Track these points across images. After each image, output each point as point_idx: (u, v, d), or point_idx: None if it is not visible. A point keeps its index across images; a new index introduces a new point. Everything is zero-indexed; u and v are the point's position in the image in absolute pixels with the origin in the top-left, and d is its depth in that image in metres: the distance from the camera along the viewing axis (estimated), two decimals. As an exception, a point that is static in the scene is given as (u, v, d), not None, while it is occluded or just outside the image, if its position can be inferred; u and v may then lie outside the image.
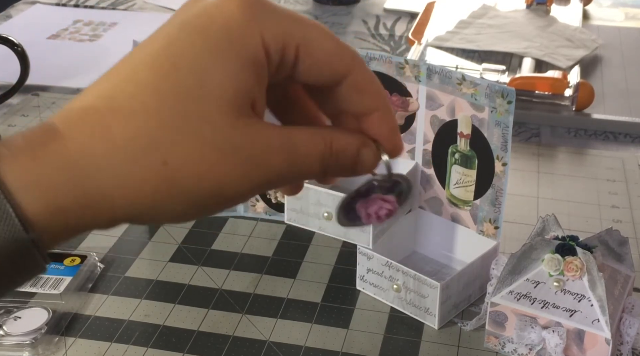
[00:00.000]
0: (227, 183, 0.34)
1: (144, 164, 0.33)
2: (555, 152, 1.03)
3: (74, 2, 1.50)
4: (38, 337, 0.69)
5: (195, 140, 0.33)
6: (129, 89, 0.34)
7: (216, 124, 0.34)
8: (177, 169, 0.33)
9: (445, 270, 0.79)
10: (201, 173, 0.34)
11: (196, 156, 0.33)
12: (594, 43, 1.30)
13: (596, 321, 0.64)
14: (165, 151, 0.33)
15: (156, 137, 0.33)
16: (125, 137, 0.33)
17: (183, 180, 0.34)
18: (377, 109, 0.38)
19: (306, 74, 0.36)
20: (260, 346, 0.70)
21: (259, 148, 0.35)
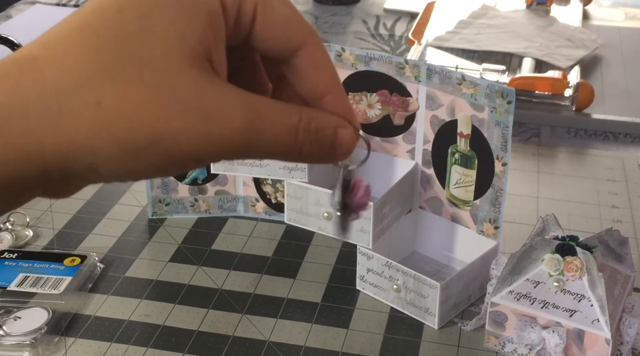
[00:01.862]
0: (168, 133, 0.31)
1: (76, 104, 0.31)
2: (555, 152, 1.03)
3: (74, 2, 1.50)
4: (38, 337, 0.69)
5: (132, 82, 0.31)
6: (66, 32, 0.32)
7: (159, 68, 0.31)
8: (111, 111, 0.31)
9: (445, 270, 0.79)
10: (138, 119, 0.31)
11: (132, 98, 0.31)
12: (594, 43, 1.30)
13: (596, 321, 0.64)
14: (99, 90, 0.31)
15: (90, 76, 0.31)
16: (56, 76, 0.31)
17: (117, 123, 0.31)
18: (331, 91, 0.37)
19: (262, 37, 0.35)
20: (260, 346, 0.70)
21: (211, 100, 0.32)
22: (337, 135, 0.36)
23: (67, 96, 0.31)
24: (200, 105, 0.32)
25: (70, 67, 0.31)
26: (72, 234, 0.84)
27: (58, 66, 0.31)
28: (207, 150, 0.32)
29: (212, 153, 0.33)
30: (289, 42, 0.35)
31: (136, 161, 0.32)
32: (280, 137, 0.34)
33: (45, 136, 0.31)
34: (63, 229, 0.85)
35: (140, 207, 0.89)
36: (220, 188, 0.87)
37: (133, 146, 0.31)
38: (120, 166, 0.32)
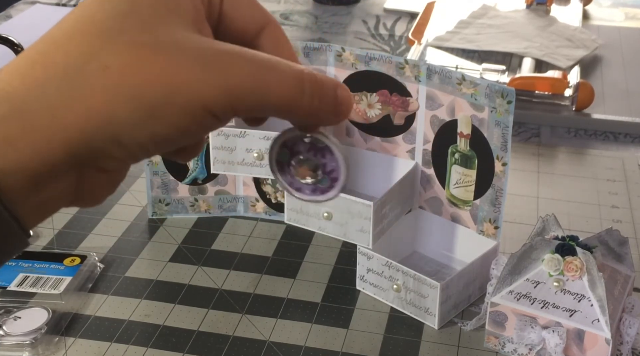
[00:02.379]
0: (180, 85, 0.32)
1: (85, 74, 0.32)
2: (555, 152, 1.03)
3: (74, 2, 1.50)
4: (38, 337, 0.69)
5: (134, 43, 0.32)
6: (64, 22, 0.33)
7: (157, 28, 0.33)
8: (119, 72, 0.32)
9: (445, 270, 0.79)
10: (147, 74, 0.32)
11: (138, 57, 0.32)
12: (594, 43, 1.30)
13: (596, 321, 0.64)
14: (103, 55, 0.32)
15: (91, 44, 0.32)
16: (63, 55, 0.32)
17: (128, 83, 0.32)
18: None
19: (230, 17, 0.37)
20: (260, 346, 0.70)
21: (217, 51, 0.33)
22: (337, 92, 0.37)
23: (75, 68, 0.32)
24: (207, 55, 0.33)
25: (74, 45, 0.32)
26: (72, 234, 0.84)
27: (63, 47, 0.32)
28: (221, 100, 0.33)
29: (227, 104, 0.33)
30: (253, 22, 0.38)
31: (154, 120, 0.32)
32: (288, 84, 0.35)
33: (63, 111, 0.32)
34: (63, 229, 0.85)
35: (140, 207, 0.89)
36: (220, 188, 0.87)
37: (148, 103, 0.32)
38: (140, 129, 0.32)
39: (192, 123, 0.33)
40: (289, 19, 1.44)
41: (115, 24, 0.33)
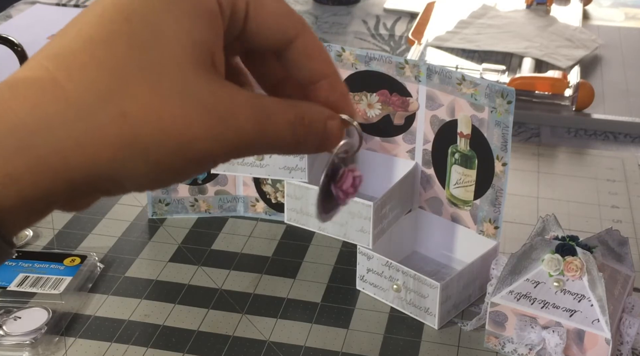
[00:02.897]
0: (193, 138, 0.32)
1: (101, 117, 0.31)
2: (555, 152, 1.03)
3: (74, 2, 1.50)
4: (38, 337, 0.69)
5: (154, 90, 0.31)
6: (77, 45, 0.32)
7: (175, 74, 0.32)
8: (138, 122, 0.31)
9: (445, 270, 0.79)
10: (164, 127, 0.31)
11: (157, 106, 0.31)
12: (594, 43, 1.30)
13: (596, 321, 0.64)
14: (122, 101, 0.31)
15: (111, 87, 0.31)
16: (77, 90, 0.31)
17: (145, 134, 0.31)
18: (326, 76, 0.38)
19: (257, 32, 0.36)
20: (260, 346, 0.70)
21: (225, 102, 0.33)
22: (327, 126, 0.37)
23: (90, 109, 0.31)
24: (216, 108, 0.33)
25: (89, 80, 0.31)
26: (72, 234, 0.84)
27: (77, 80, 0.31)
28: (224, 150, 0.33)
29: (228, 153, 0.34)
30: (283, 34, 0.36)
31: (161, 169, 0.32)
32: (282, 133, 0.35)
33: (71, 151, 0.31)
34: (63, 229, 0.85)
35: (140, 207, 0.89)
36: (220, 188, 0.87)
37: (161, 156, 0.32)
38: (145, 176, 0.32)
39: (193, 169, 0.34)
40: (289, 19, 1.44)
41: (134, 58, 0.32)
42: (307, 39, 0.37)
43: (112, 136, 0.31)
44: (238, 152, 0.34)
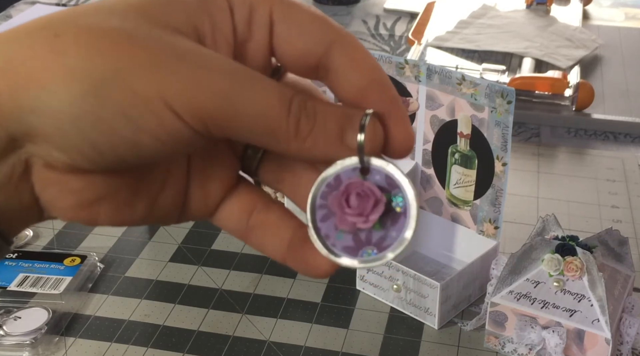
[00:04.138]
0: (134, 64, 0.28)
1: (35, 38, 0.28)
2: (555, 152, 1.03)
3: (74, 2, 1.50)
4: (38, 337, 0.69)
5: (99, 19, 0.29)
6: None
7: (127, 19, 0.29)
8: (70, 41, 0.28)
9: (445, 270, 0.79)
10: (100, 48, 0.28)
11: (94, 29, 0.28)
12: (594, 43, 1.30)
13: (596, 321, 0.64)
14: (60, 26, 0.28)
15: (53, 17, 0.29)
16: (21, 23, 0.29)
17: (76, 53, 0.28)
18: (372, 82, 0.31)
19: (287, 39, 0.31)
20: (260, 346, 0.70)
21: (186, 45, 0.29)
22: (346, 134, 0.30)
23: (26, 33, 0.29)
24: (171, 45, 0.29)
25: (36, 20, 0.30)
26: (72, 234, 0.84)
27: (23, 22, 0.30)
28: (181, 94, 0.28)
29: (188, 101, 0.28)
30: (315, 43, 0.31)
31: (99, 100, 0.28)
32: (269, 99, 0.29)
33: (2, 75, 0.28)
34: (63, 229, 0.85)
35: (140, 207, 0.89)
36: (220, 188, 0.87)
37: (93, 79, 0.27)
38: (80, 109, 0.28)
39: (147, 114, 0.28)
40: (289, 19, 1.44)
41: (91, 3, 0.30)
42: (346, 44, 0.31)
43: (42, 53, 0.28)
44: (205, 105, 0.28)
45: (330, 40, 0.31)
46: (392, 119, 0.31)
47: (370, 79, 0.31)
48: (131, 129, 0.28)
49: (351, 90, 0.31)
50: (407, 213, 0.29)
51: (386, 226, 0.29)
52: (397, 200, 0.29)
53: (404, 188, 0.29)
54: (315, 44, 0.31)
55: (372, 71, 0.31)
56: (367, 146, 0.29)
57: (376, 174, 0.29)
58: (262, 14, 0.31)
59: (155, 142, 0.29)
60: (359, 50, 0.32)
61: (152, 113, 0.28)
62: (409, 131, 0.31)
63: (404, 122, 0.31)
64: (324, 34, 0.31)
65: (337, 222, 0.30)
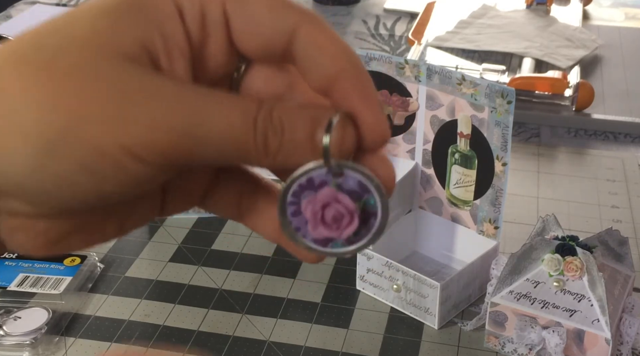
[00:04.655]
0: (86, 116, 0.26)
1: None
2: (555, 152, 1.03)
3: (74, 2, 1.50)
4: (38, 337, 0.69)
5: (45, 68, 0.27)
6: None
7: (75, 54, 0.27)
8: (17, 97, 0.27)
9: (445, 270, 0.79)
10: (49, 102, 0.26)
11: (43, 82, 0.27)
12: (594, 43, 1.30)
13: (596, 321, 0.64)
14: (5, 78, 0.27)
15: None
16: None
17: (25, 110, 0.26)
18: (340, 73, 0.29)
19: (245, 34, 0.30)
20: (260, 346, 0.70)
21: (137, 83, 0.27)
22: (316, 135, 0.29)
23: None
24: (124, 87, 0.27)
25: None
26: (72, 234, 0.84)
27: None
28: (140, 138, 0.27)
29: (148, 144, 0.27)
30: (275, 31, 0.29)
31: (56, 159, 0.27)
32: (232, 123, 0.28)
33: None
34: (63, 229, 0.85)
35: (140, 207, 0.89)
36: (220, 188, 0.87)
37: (47, 138, 0.26)
38: (37, 168, 0.27)
39: (109, 166, 0.27)
40: (289, 19, 1.44)
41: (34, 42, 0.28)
42: (311, 28, 0.30)
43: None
44: (165, 145, 0.27)
45: (292, 27, 0.29)
46: (363, 112, 0.29)
47: (339, 68, 0.29)
48: (93, 181, 0.27)
49: (319, 79, 0.30)
50: (377, 214, 0.30)
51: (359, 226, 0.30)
52: (369, 203, 0.30)
53: (375, 193, 0.29)
54: (276, 33, 0.29)
55: (340, 58, 0.30)
56: (334, 149, 0.28)
57: (349, 177, 0.29)
58: (214, 11, 0.30)
59: (119, 188, 0.28)
60: (325, 34, 0.30)
61: (112, 163, 0.27)
62: (381, 124, 0.29)
63: (375, 115, 0.29)
64: (284, 22, 0.29)
65: (311, 230, 0.30)
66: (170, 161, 0.28)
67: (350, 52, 0.30)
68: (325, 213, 0.30)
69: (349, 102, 0.29)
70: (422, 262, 0.80)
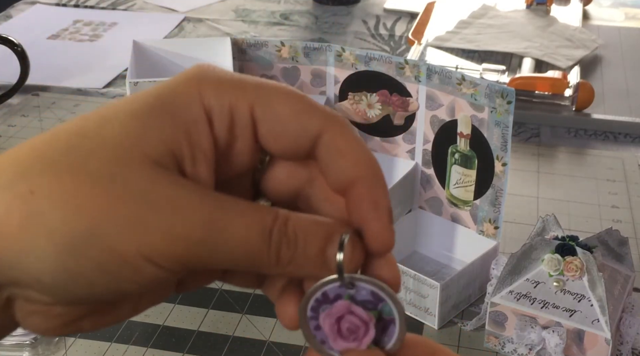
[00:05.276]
0: (109, 222, 0.28)
1: (8, 197, 0.28)
2: (555, 152, 1.03)
3: (74, 2, 1.50)
4: (38, 337, 0.69)
5: (73, 171, 0.28)
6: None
7: (105, 159, 0.28)
8: (45, 199, 0.28)
9: (445, 270, 0.79)
10: (74, 206, 0.28)
11: (69, 185, 0.28)
12: (594, 43, 1.30)
13: (596, 321, 0.64)
14: (34, 180, 0.28)
15: (28, 166, 0.29)
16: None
17: (52, 212, 0.28)
18: (358, 180, 0.31)
19: (271, 137, 0.31)
20: (260, 346, 0.70)
21: (161, 191, 0.28)
22: (327, 251, 0.30)
23: (1, 187, 0.28)
24: (146, 196, 0.28)
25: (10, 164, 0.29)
26: (72, 234, 0.84)
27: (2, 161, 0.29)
28: (159, 247, 0.28)
29: (165, 252, 0.28)
30: (300, 136, 0.31)
31: (76, 259, 0.28)
32: (248, 236, 0.29)
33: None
34: (63, 229, 0.85)
35: (140, 207, 0.89)
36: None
37: (70, 238, 0.28)
38: (58, 267, 0.28)
39: (125, 268, 0.28)
40: (289, 19, 1.44)
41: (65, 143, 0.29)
42: (334, 133, 0.31)
43: (18, 214, 0.28)
44: (183, 253, 0.28)
45: (317, 131, 0.31)
46: (371, 222, 0.31)
47: (357, 174, 0.31)
48: (110, 281, 0.29)
49: (338, 181, 0.31)
50: (395, 320, 0.31)
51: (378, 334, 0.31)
52: (385, 310, 0.31)
53: (389, 301, 0.31)
54: (300, 137, 0.31)
55: (359, 165, 0.31)
56: (346, 266, 0.30)
57: (362, 289, 0.31)
58: (243, 114, 0.31)
59: (135, 286, 0.29)
60: (348, 139, 0.31)
61: (130, 267, 0.28)
62: (386, 233, 0.31)
63: (382, 225, 0.31)
64: (309, 126, 0.31)
65: (332, 344, 0.31)
66: (186, 268, 0.29)
67: (369, 158, 0.32)
68: (341, 325, 0.31)
69: (360, 209, 0.31)
70: (422, 262, 0.80)
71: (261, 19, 1.44)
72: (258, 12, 1.48)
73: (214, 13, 1.47)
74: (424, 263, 0.80)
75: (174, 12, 1.47)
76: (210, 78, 0.31)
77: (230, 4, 1.51)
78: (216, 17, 1.45)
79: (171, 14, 1.47)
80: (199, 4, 1.51)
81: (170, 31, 1.39)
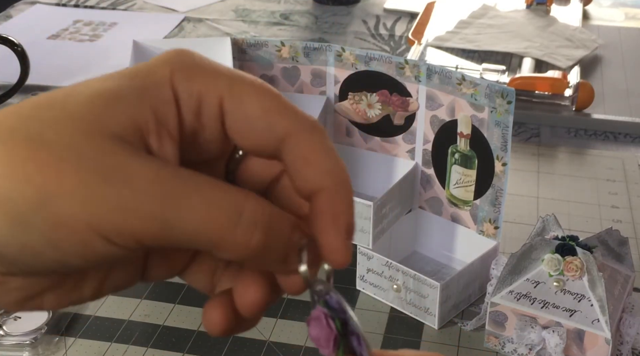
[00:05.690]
0: (58, 191, 0.26)
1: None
2: (555, 152, 1.03)
3: (74, 2, 1.50)
4: (38, 337, 0.69)
5: (28, 140, 0.27)
6: None
7: (61, 129, 0.27)
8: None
9: (445, 270, 0.79)
10: (25, 174, 0.27)
11: (22, 153, 0.27)
12: (594, 43, 1.30)
13: (596, 321, 0.64)
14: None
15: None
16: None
17: (2, 181, 0.27)
18: (322, 187, 0.30)
19: (238, 131, 0.31)
20: (260, 346, 0.70)
21: (118, 162, 0.27)
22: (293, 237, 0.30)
23: None
24: (101, 167, 0.27)
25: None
26: (72, 234, 0.84)
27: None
28: (110, 220, 0.27)
29: (117, 226, 0.27)
30: (266, 135, 0.30)
31: (26, 230, 0.27)
32: (210, 213, 0.28)
33: None
34: (63, 229, 0.85)
35: (140, 207, 0.89)
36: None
37: (19, 207, 0.27)
38: (8, 236, 0.27)
39: (75, 242, 0.27)
40: (289, 19, 1.44)
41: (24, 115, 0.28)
42: (302, 138, 0.30)
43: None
44: (135, 228, 0.27)
45: (283, 134, 0.30)
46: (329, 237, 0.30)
47: (320, 185, 0.30)
48: (57, 255, 0.28)
49: (301, 188, 0.31)
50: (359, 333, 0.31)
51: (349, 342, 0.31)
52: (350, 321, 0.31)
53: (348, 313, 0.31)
54: (265, 138, 0.30)
55: (323, 176, 0.30)
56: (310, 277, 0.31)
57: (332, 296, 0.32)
58: (211, 106, 0.30)
59: (85, 263, 0.28)
60: (315, 147, 0.30)
61: (79, 241, 0.27)
62: (342, 250, 0.31)
63: (340, 241, 0.30)
64: (276, 127, 0.30)
65: None
66: (141, 245, 0.28)
67: (336, 168, 0.30)
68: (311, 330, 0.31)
69: (319, 221, 0.30)
70: (422, 262, 0.80)
71: (261, 19, 1.44)
72: (258, 12, 1.48)
73: (213, 13, 1.47)
74: (424, 263, 0.80)
75: (174, 12, 1.47)
76: (184, 63, 0.31)
77: (230, 4, 1.51)
78: (216, 17, 1.45)
79: (171, 14, 1.47)
80: (199, 4, 1.51)
81: (170, 31, 1.39)
